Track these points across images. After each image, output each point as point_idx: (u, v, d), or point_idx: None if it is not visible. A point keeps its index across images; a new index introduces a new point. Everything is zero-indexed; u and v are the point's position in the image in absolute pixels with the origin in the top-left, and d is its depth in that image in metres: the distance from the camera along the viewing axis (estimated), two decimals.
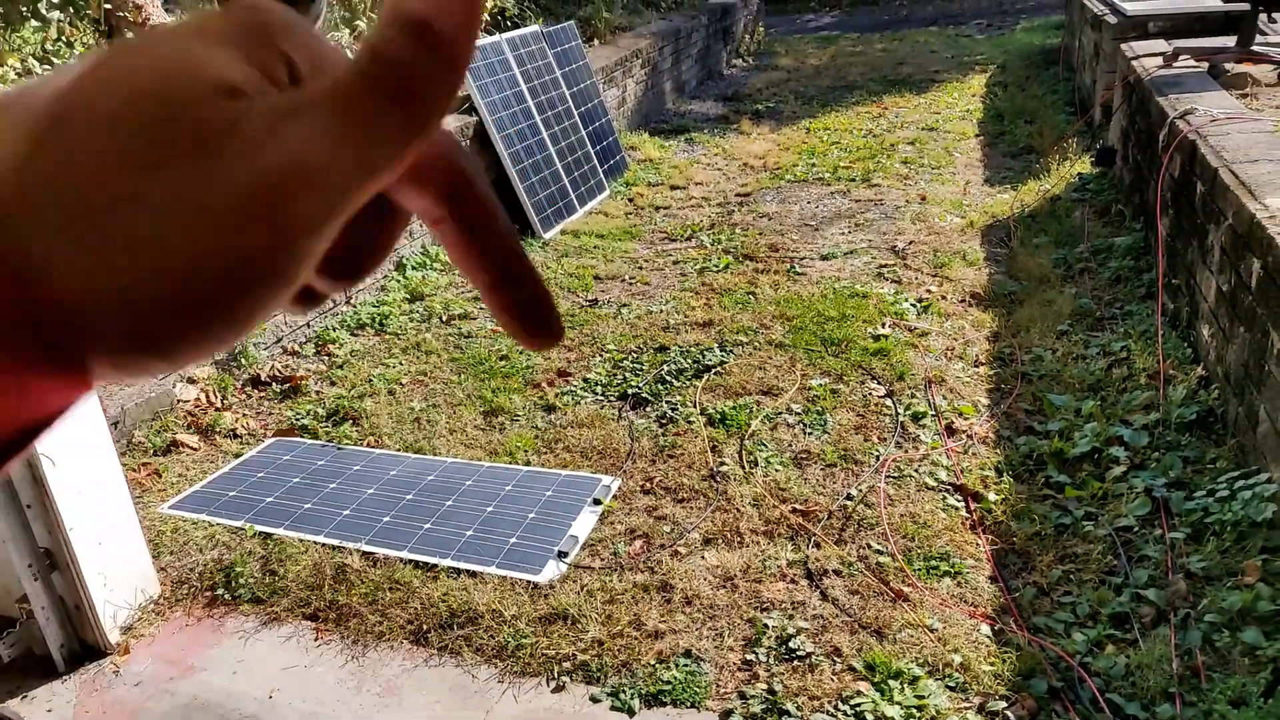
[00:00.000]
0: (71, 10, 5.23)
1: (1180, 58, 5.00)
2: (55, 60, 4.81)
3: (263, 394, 3.89)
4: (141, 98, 0.23)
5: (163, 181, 0.22)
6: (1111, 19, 6.38)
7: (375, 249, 0.29)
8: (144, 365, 0.23)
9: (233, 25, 0.25)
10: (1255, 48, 4.91)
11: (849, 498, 3.01)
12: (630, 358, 4.05)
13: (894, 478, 3.09)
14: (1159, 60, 5.08)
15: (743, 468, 3.20)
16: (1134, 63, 5.24)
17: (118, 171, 0.22)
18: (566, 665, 2.41)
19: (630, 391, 3.76)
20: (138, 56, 0.24)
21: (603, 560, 2.79)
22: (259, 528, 2.97)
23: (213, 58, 0.24)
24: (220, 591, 2.73)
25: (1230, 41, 5.04)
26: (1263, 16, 4.91)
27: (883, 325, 4.17)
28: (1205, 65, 4.89)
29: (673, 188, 6.63)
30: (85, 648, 2.51)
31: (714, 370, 3.88)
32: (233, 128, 0.23)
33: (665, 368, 3.92)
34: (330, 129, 0.24)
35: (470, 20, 0.25)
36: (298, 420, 3.66)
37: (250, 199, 0.23)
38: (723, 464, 3.22)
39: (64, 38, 5.11)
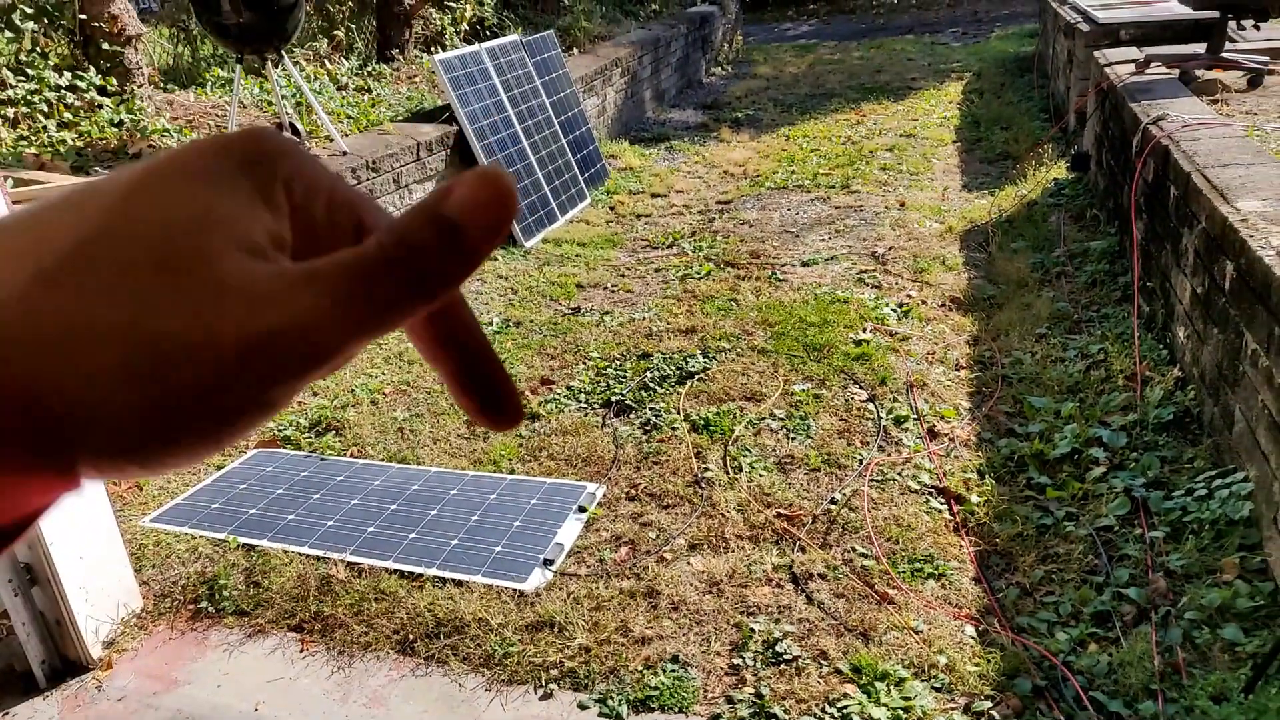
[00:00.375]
0: (46, 21, 5.19)
1: (1152, 65, 5.07)
2: (30, 71, 4.78)
3: None
4: (157, 243, 0.25)
5: (159, 333, 0.24)
6: (1084, 27, 6.47)
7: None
8: (126, 471, 0.25)
9: (235, 161, 0.27)
10: (1225, 54, 4.99)
11: (833, 502, 3.03)
12: (613, 365, 4.06)
13: (877, 481, 3.11)
14: (1131, 67, 5.16)
15: (727, 473, 3.21)
16: (1106, 70, 5.32)
17: (124, 309, 0.24)
18: (554, 673, 2.41)
19: (614, 399, 3.76)
20: (150, 202, 0.25)
21: (589, 567, 2.80)
22: (242, 539, 2.95)
23: (230, 210, 0.26)
24: (204, 604, 2.71)
25: (1200, 48, 5.12)
26: (1232, 24, 4.99)
27: (864, 330, 4.20)
28: (1176, 72, 4.96)
29: (654, 195, 6.65)
30: (67, 663, 2.48)
31: (697, 377, 3.89)
32: (247, 284, 0.25)
33: (648, 375, 3.93)
34: (342, 299, 0.26)
35: (495, 233, 0.28)
36: (280, 431, 3.64)
37: (247, 352, 0.24)
38: (707, 470, 3.23)
39: (38, 48, 5.08)
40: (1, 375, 0.23)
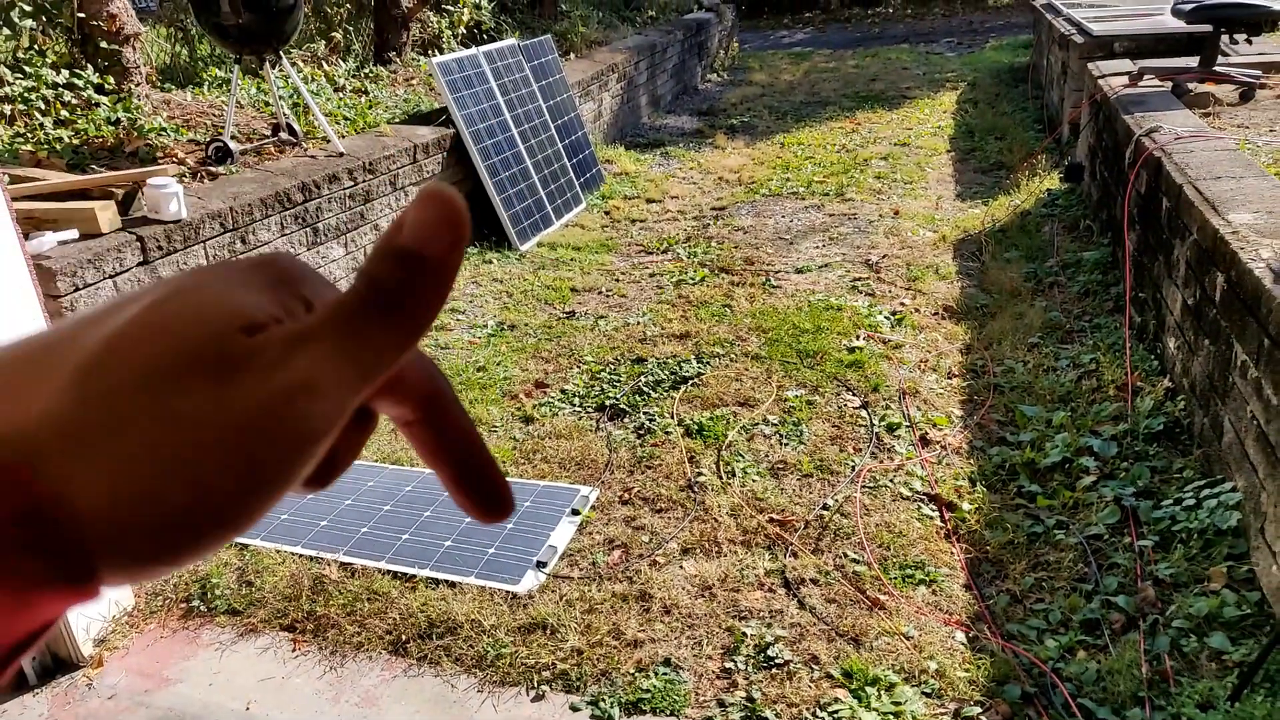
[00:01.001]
0: (44, 19, 5.19)
1: (1145, 77, 5.11)
2: (27, 69, 4.77)
3: None
4: (174, 341, 0.26)
5: (183, 413, 0.25)
6: (1078, 39, 6.51)
7: (346, 455, 0.32)
8: (156, 571, 0.26)
9: (266, 274, 0.29)
10: (1217, 68, 5.04)
11: (825, 507, 3.04)
12: (607, 369, 4.07)
13: (869, 488, 3.13)
14: (1125, 79, 5.20)
15: (720, 478, 3.22)
16: (1100, 81, 5.36)
17: (146, 410, 0.25)
18: (546, 674, 2.41)
19: (608, 403, 3.77)
20: (183, 301, 0.27)
21: (581, 570, 2.80)
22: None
23: (244, 300, 0.28)
24: (196, 603, 2.71)
25: (1193, 62, 5.17)
26: (1224, 38, 5.04)
27: (857, 338, 4.21)
28: (1169, 85, 5.00)
29: (649, 201, 6.67)
30: (57, 660, 2.48)
31: (691, 382, 3.90)
32: (250, 357, 0.26)
33: (642, 379, 3.94)
34: (332, 347, 0.27)
35: (453, 249, 0.29)
36: None
37: (262, 419, 0.26)
38: (700, 474, 3.25)
39: (36, 46, 5.08)
40: (33, 489, 0.23)
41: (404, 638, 2.55)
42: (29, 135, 4.40)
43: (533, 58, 6.67)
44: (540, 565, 2.80)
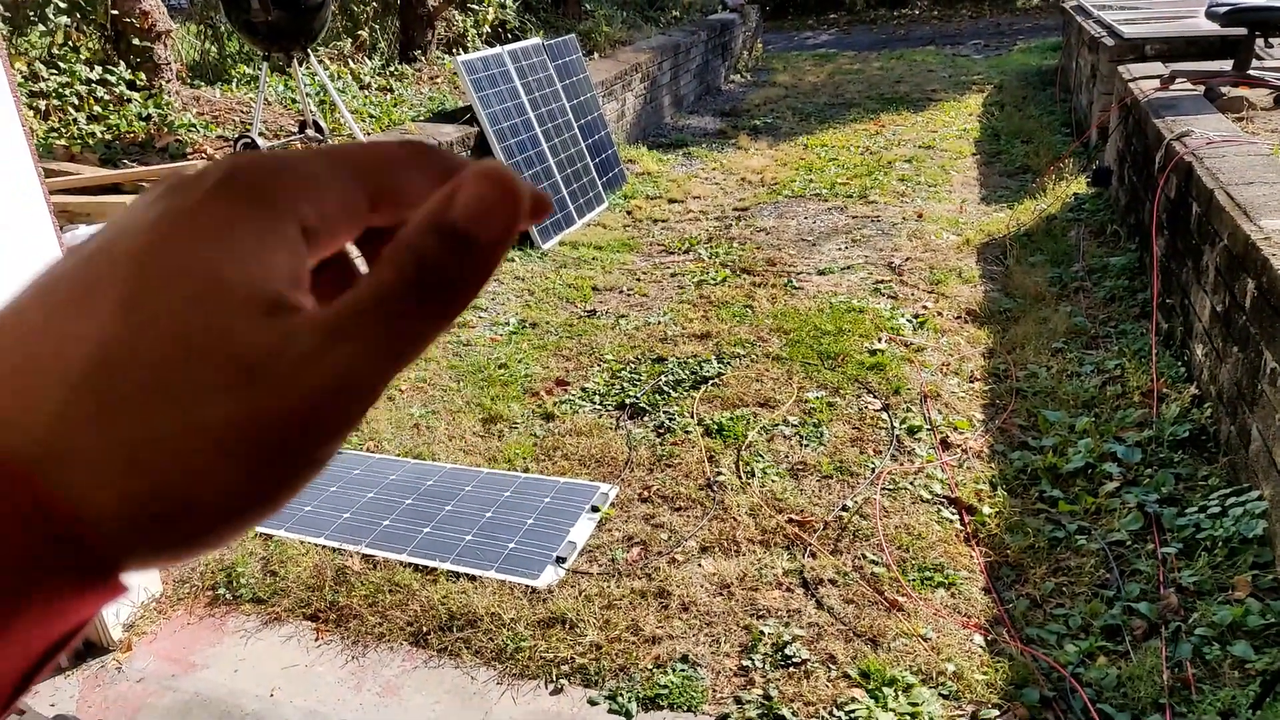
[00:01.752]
0: (78, 16, 5.26)
1: (1177, 81, 5.07)
2: (61, 65, 4.85)
3: None
4: (178, 334, 0.24)
5: (202, 419, 0.23)
6: (1109, 41, 6.46)
7: None
8: (180, 560, 0.25)
9: (234, 202, 0.25)
10: (1252, 72, 4.99)
11: (845, 509, 3.04)
12: (628, 368, 4.08)
13: (889, 490, 3.12)
14: (1155, 83, 5.15)
15: (739, 478, 3.23)
16: (1131, 85, 5.32)
17: (162, 414, 0.23)
18: (565, 668, 2.43)
19: (628, 401, 3.79)
20: (163, 286, 0.24)
21: (601, 566, 2.82)
22: (259, 529, 2.98)
23: (254, 268, 0.25)
24: (221, 591, 2.75)
25: (1227, 65, 5.12)
26: (1259, 41, 4.98)
27: (879, 340, 4.21)
28: (1201, 88, 4.96)
29: (671, 201, 6.68)
30: (88, 644, 2.53)
31: (711, 382, 3.91)
32: (278, 352, 0.24)
33: (663, 378, 3.95)
34: (375, 338, 0.25)
35: (506, 235, 0.27)
36: None
37: (291, 420, 0.24)
38: (720, 474, 3.25)
39: (70, 42, 5.15)
40: (47, 503, 0.22)
41: (425, 629, 2.58)
42: (63, 130, 4.47)
43: (557, 57, 6.70)
44: (560, 561, 2.82)
